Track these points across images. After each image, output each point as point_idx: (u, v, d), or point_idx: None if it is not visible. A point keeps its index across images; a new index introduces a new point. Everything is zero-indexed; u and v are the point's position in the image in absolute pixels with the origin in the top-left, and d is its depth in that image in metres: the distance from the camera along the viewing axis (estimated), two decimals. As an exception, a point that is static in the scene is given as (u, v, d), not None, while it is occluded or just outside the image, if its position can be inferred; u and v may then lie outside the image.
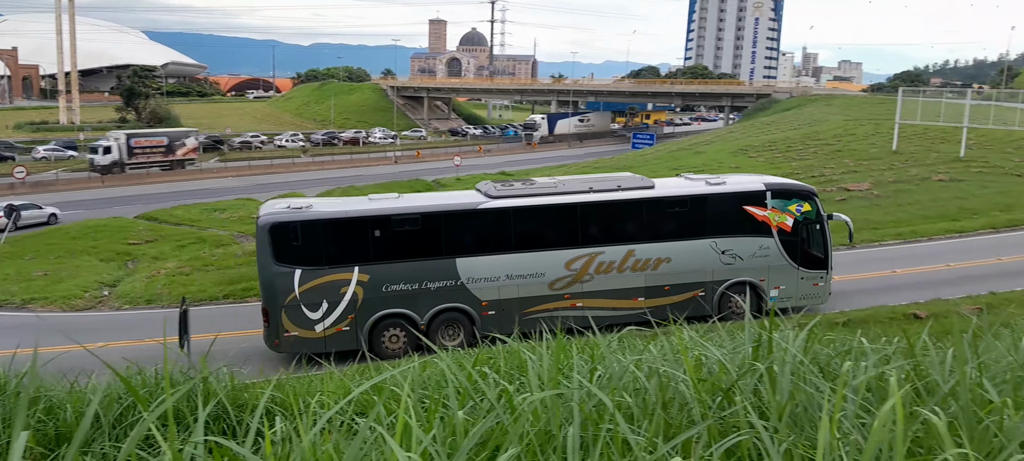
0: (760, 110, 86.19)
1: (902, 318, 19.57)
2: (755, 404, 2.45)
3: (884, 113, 58.70)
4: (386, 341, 17.24)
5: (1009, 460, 1.77)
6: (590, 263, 18.10)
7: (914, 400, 2.39)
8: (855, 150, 46.91)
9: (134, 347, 11.51)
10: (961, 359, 2.76)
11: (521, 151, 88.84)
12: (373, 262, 17.06)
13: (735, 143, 56.72)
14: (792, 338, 3.10)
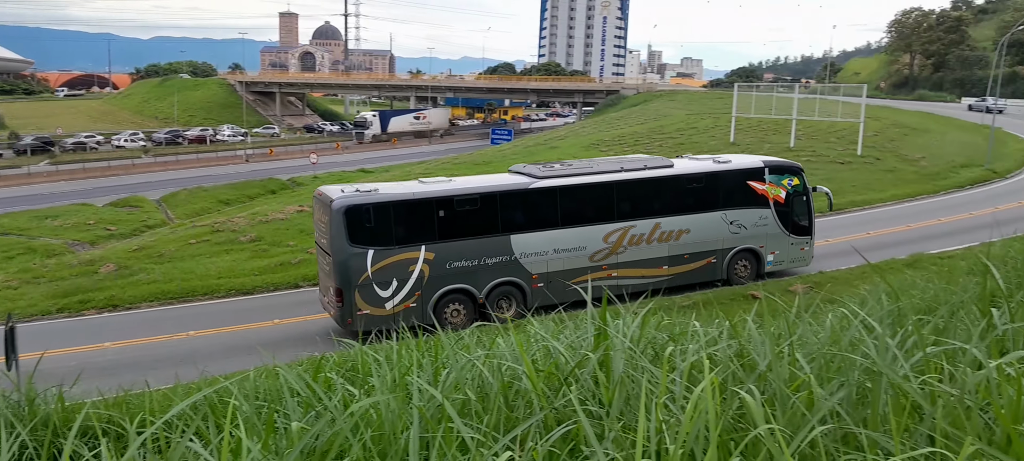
0: (610, 106, 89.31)
1: (740, 299, 20.92)
2: (595, 392, 2.54)
3: (722, 107, 62.40)
4: (449, 315, 18.21)
5: (811, 433, 1.92)
6: (624, 236, 19.80)
7: (734, 380, 2.55)
8: (697, 142, 49.56)
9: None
10: (777, 338, 2.99)
11: (382, 148, 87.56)
12: (438, 241, 17.97)
13: (588, 138, 58.54)
14: (630, 323, 3.23)
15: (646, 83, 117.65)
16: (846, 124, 48.80)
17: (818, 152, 44.77)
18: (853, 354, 2.39)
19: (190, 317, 21.46)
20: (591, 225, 19.54)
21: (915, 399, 2.06)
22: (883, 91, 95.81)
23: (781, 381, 2.33)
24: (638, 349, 2.85)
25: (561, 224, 19.23)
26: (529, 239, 18.82)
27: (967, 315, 3.75)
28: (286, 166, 67.33)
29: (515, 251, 18.61)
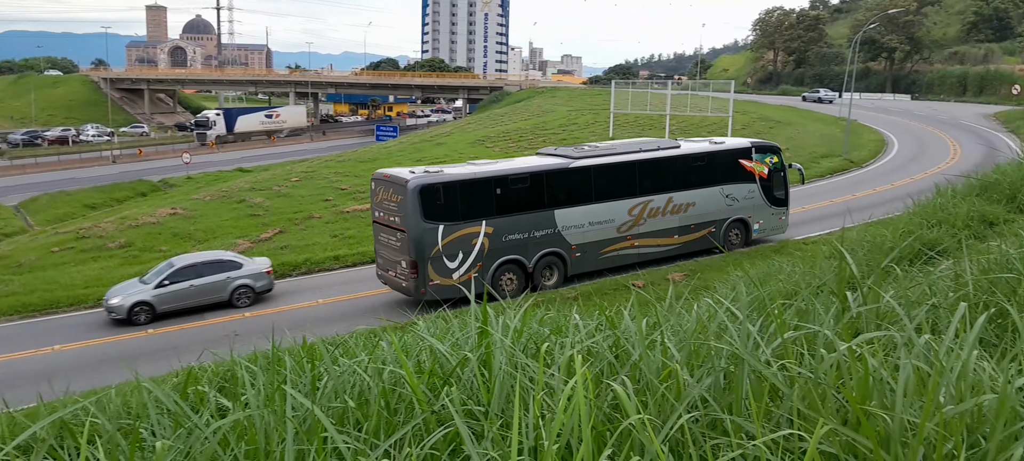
0: (493, 102, 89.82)
1: (624, 289, 21.58)
2: (477, 392, 2.55)
3: (601, 103, 63.98)
4: (504, 284, 19.82)
5: (679, 421, 1.99)
6: (644, 209, 21.99)
7: (610, 371, 2.62)
8: (578, 138, 50.59)
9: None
10: (652, 327, 3.09)
11: (261, 146, 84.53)
12: (496, 216, 19.70)
13: (473, 134, 58.69)
14: (512, 319, 3.26)
15: (529, 80, 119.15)
16: (716, 118, 51.08)
17: (693, 145, 46.62)
18: (719, 342, 2.50)
19: (54, 330, 20.08)
20: (619, 200, 21.65)
21: (774, 383, 2.18)
22: (749, 86, 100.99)
23: (652, 371, 2.41)
24: (519, 345, 2.89)
25: (594, 199, 21.25)
26: (569, 213, 20.79)
27: (825, 299, 4.01)
28: (157, 166, 64.00)
29: (558, 224, 20.60)
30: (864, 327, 2.96)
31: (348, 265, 25.61)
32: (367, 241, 28.10)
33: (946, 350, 2.19)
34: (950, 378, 2.06)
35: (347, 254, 26.38)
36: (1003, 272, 3.44)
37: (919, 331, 2.62)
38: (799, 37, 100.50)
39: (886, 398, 1.99)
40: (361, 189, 38.09)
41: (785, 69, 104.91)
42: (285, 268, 25.08)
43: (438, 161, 45.78)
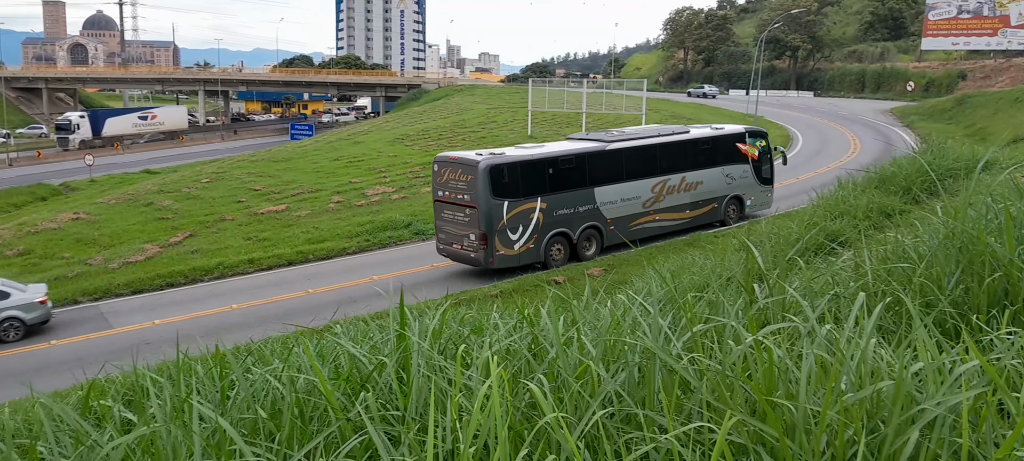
0: (412, 100, 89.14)
1: (546, 285, 21.76)
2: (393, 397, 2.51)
3: (519, 101, 64.35)
4: (553, 253, 22.37)
5: (593, 417, 2.01)
6: (664, 187, 24.48)
7: (527, 370, 2.63)
8: (498, 136, 50.75)
9: None
10: (570, 323, 3.12)
11: (170, 146, 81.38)
12: (548, 193, 21.94)
13: (392, 132, 58.06)
14: (431, 320, 3.23)
15: (447, 78, 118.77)
16: (631, 116, 52.06)
17: (609, 142, 47.40)
18: (633, 337, 2.54)
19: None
20: (644, 179, 24.06)
21: (684, 376, 2.23)
22: (661, 85, 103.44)
23: (569, 369, 2.43)
24: (437, 347, 2.86)
25: (625, 178, 23.63)
26: (605, 191, 23.17)
27: (734, 292, 4.13)
28: (58, 169, 60.83)
29: (597, 200, 23.00)
30: (771, 318, 3.06)
31: (263, 268, 24.96)
32: (283, 243, 27.50)
33: (846, 339, 2.28)
34: (850, 366, 2.15)
35: (262, 257, 25.72)
36: (899, 262, 3.61)
37: (822, 321, 2.72)
38: (707, 36, 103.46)
39: (792, 387, 2.06)
40: (276, 190, 37.21)
41: (695, 68, 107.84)
42: (197, 273, 24.25)
43: (357, 158, 45.12)
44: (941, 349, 2.39)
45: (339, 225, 30.02)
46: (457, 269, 23.79)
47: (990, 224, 3.42)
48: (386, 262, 25.27)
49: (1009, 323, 2.73)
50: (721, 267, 8.42)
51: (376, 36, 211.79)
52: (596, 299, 4.17)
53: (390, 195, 34.81)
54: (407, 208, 32.28)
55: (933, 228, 3.82)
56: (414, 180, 37.93)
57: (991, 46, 72.46)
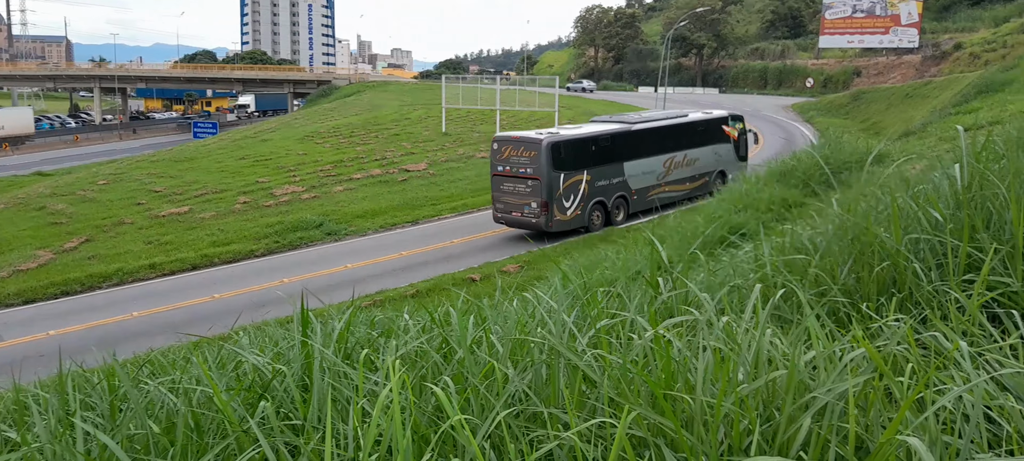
0: (322, 96, 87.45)
1: (462, 283, 21.74)
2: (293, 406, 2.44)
3: (433, 97, 63.99)
4: (594, 218, 25.69)
5: (496, 418, 2.00)
6: (672, 163, 28.18)
7: (436, 372, 2.60)
8: (411, 133, 50.37)
9: None
10: (482, 322, 3.10)
11: (65, 147, 77.12)
12: (592, 167, 25.25)
13: (301, 130, 56.74)
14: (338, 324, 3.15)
15: (358, 73, 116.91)
16: (544, 113, 52.53)
17: (522, 139, 47.69)
18: (538, 334, 2.54)
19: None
20: (659, 155, 27.68)
21: (586, 372, 2.25)
22: (573, 82, 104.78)
23: (474, 368, 2.42)
24: (341, 352, 2.80)
25: (645, 155, 27.21)
26: (631, 165, 26.64)
27: (640, 286, 4.20)
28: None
29: (625, 173, 26.44)
30: (675, 312, 3.12)
31: (166, 273, 24.00)
32: (187, 246, 26.50)
33: (744, 330, 2.34)
34: (746, 357, 2.20)
35: (165, 262, 24.71)
36: (796, 253, 3.75)
37: (723, 313, 2.79)
38: (617, 34, 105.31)
39: (691, 379, 2.09)
40: (178, 191, 35.82)
41: (606, 65, 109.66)
42: (94, 280, 23.10)
43: (264, 157, 43.84)
44: (833, 337, 2.48)
45: (246, 226, 29.16)
46: (372, 270, 23.52)
47: (879, 215, 3.58)
48: (297, 264, 24.72)
49: (896, 310, 2.87)
50: (632, 261, 8.60)
51: (283, 31, 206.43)
52: (508, 296, 4.16)
53: (300, 195, 34.03)
54: (318, 208, 31.64)
55: (827, 220, 3.98)
56: (325, 179, 37.18)
57: (883, 44, 76.38)
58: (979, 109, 26.14)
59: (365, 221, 30.00)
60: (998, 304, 2.84)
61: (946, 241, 3.05)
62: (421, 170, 38.65)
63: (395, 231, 29.31)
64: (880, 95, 58.45)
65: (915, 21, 73.99)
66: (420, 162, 40.43)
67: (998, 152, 4.39)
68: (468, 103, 52.75)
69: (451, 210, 32.09)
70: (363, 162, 41.18)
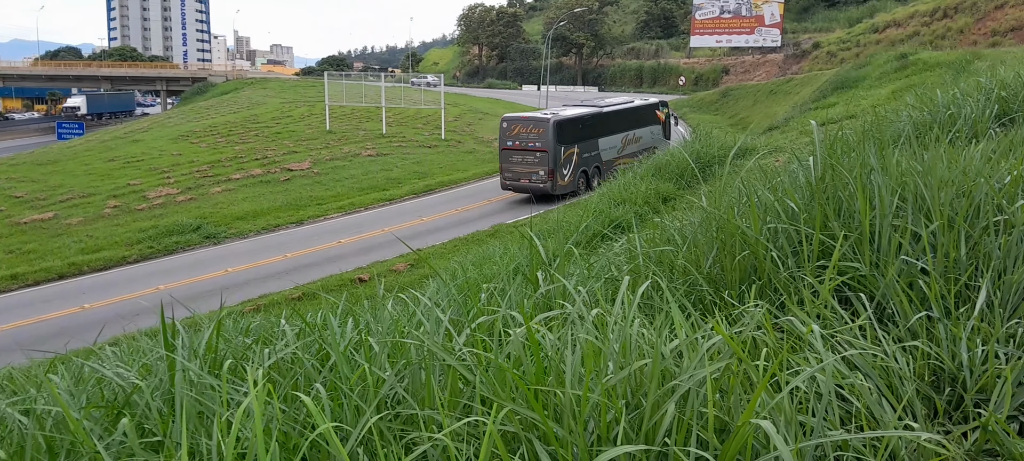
0: (198, 94, 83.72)
1: (349, 283, 21.36)
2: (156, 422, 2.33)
3: (316, 95, 62.46)
4: (580, 184, 30.54)
5: (367, 423, 1.98)
6: (626, 139, 34.47)
7: (311, 378, 2.54)
8: (294, 131, 48.99)
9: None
10: (342, 326, 3.05)
11: None
12: (580, 142, 30.82)
13: (175, 129, 54.07)
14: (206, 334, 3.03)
15: (236, 70, 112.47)
16: (430, 111, 52.33)
17: (408, 137, 47.33)
18: (417, 334, 2.53)
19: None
20: (620, 133, 34.07)
21: (461, 371, 2.26)
22: (458, 79, 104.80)
23: (350, 373, 2.38)
24: (208, 363, 2.69)
25: (611, 132, 33.41)
26: (603, 141, 32.63)
27: (523, 281, 4.26)
28: None
29: (599, 148, 32.27)
30: (554, 306, 3.18)
31: (29, 284, 22.36)
32: (52, 255, 24.79)
33: (613, 322, 2.41)
34: (614, 348, 2.27)
35: (28, 272, 23.01)
36: (665, 245, 3.89)
37: (596, 305, 2.86)
38: (500, 33, 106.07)
39: (563, 373, 2.14)
40: (41, 195, 33.44)
41: (490, 63, 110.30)
42: (-58, 294, 21.25)
43: (136, 158, 41.42)
44: (697, 326, 2.59)
45: (117, 232, 27.56)
46: (254, 274, 22.80)
47: (741, 207, 3.77)
48: (174, 270, 23.60)
49: (756, 296, 3.03)
50: (515, 257, 8.69)
51: (154, 26, 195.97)
52: (391, 297, 4.12)
53: (175, 197, 32.47)
54: (195, 210, 30.29)
55: (695, 212, 4.15)
56: (202, 180, 35.61)
57: (749, 43, 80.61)
58: (835, 104, 27.95)
59: (246, 223, 28.97)
60: (849, 288, 3.05)
61: (801, 230, 3.25)
62: (305, 169, 37.66)
63: (279, 232, 28.47)
64: (747, 92, 61.53)
65: (777, 22, 78.56)
66: (303, 161, 39.39)
67: (850, 145, 4.71)
68: (352, 101, 51.81)
69: (338, 209, 31.48)
70: (243, 161, 39.72)
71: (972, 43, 48.79)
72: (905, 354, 2.45)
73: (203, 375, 2.44)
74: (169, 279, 22.20)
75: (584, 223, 8.31)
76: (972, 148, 4.49)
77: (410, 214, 30.46)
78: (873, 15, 72.07)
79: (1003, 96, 6.46)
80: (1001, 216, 3.29)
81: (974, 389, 2.32)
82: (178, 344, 2.84)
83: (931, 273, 2.86)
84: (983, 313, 2.66)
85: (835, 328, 2.60)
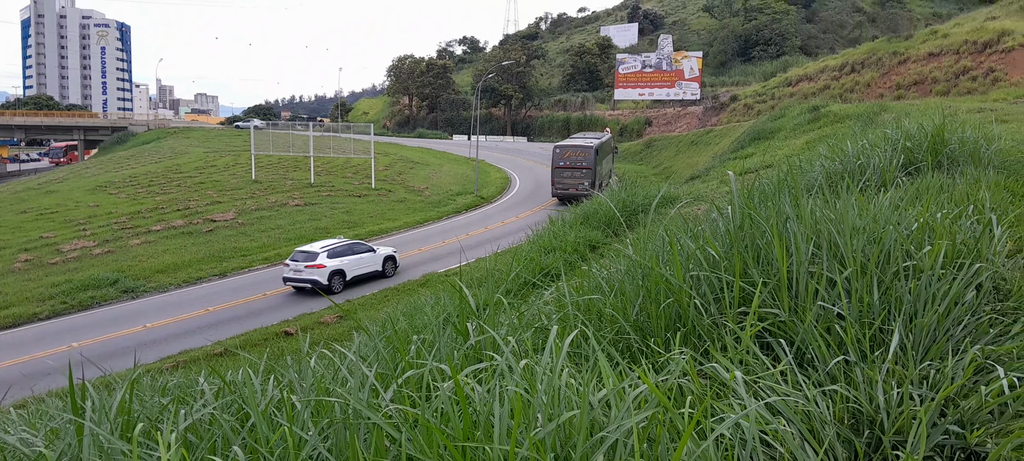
0: (118, 144, 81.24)
1: (275, 337, 20.80)
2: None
3: (242, 144, 61.39)
4: (595, 190, 39.42)
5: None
6: (604, 164, 44.92)
7: (229, 439, 2.44)
8: (218, 181, 47.90)
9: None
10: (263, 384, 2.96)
11: None
12: (597, 163, 42.94)
13: (93, 180, 52.16)
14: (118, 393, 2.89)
15: (158, 119, 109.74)
16: (360, 160, 51.99)
17: (337, 187, 46.85)
18: (341, 391, 2.47)
19: None
20: (604, 161, 45.15)
21: (386, 429, 2.21)
22: (389, 129, 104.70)
23: (267, 434, 2.30)
24: (118, 425, 2.56)
25: (604, 160, 44.99)
26: (600, 162, 43.51)
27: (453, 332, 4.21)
28: None
29: (596, 166, 42.48)
30: (484, 357, 3.15)
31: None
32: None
33: (542, 372, 2.40)
34: (541, 400, 2.26)
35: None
36: (593, 293, 3.92)
37: (526, 355, 2.85)
38: (430, 84, 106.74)
39: (491, 427, 2.11)
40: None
41: (420, 113, 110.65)
42: None
43: (50, 210, 39.63)
44: (623, 374, 2.61)
45: (28, 287, 26.27)
46: (175, 329, 22.03)
47: (665, 255, 3.84)
48: (89, 326, 22.59)
49: (681, 343, 3.07)
50: (446, 308, 8.61)
51: (73, 74, 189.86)
52: (314, 352, 4.02)
53: (91, 250, 31.19)
54: (113, 263, 29.14)
55: (622, 260, 4.21)
56: (121, 232, 34.34)
57: (670, 96, 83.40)
58: (752, 154, 29.00)
59: (167, 276, 28.01)
60: (769, 333, 3.12)
61: (723, 277, 3.33)
62: (229, 220, 36.76)
63: (201, 285, 27.61)
64: (670, 142, 63.33)
65: (696, 76, 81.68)
66: (228, 211, 38.46)
67: (767, 194, 4.87)
68: (280, 150, 51.09)
69: (264, 261, 30.76)
70: (164, 212, 38.53)
71: (878, 96, 51.61)
72: (825, 398, 2.51)
73: (113, 440, 2.32)
74: (83, 336, 21.24)
75: (514, 271, 8.32)
76: (881, 196, 4.70)
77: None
78: (786, 69, 75.59)
79: (908, 146, 6.81)
80: (910, 261, 3.43)
81: (891, 431, 2.39)
82: (88, 406, 2.70)
83: (847, 318, 2.96)
84: (897, 356, 2.75)
85: (757, 374, 2.64)
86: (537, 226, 18.08)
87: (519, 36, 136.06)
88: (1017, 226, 4.88)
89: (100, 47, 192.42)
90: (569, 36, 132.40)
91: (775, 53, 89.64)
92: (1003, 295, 3.61)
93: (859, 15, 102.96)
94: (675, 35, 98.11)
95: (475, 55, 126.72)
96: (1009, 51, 47.35)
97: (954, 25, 57.16)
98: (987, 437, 2.36)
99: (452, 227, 37.68)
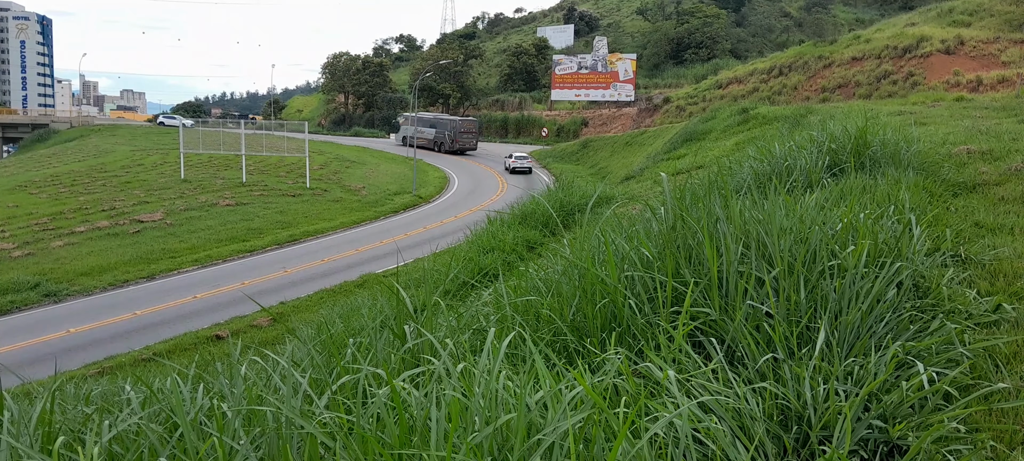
0: (39, 141, 77.90)
1: (205, 341, 20.26)
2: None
3: (170, 142, 59.57)
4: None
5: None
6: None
7: (156, 450, 2.37)
8: (145, 180, 46.36)
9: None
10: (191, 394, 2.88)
11: None
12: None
13: (12, 179, 49.86)
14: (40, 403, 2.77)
15: (82, 116, 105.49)
16: (294, 158, 51.05)
17: (270, 186, 45.87)
18: (273, 399, 2.42)
19: None
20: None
21: (320, 437, 2.17)
22: (324, 127, 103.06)
23: (196, 444, 2.24)
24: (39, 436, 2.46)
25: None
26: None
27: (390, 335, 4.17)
28: None
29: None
30: (422, 360, 3.13)
31: None
32: None
33: (480, 375, 2.40)
34: (478, 403, 2.26)
35: None
36: (530, 294, 3.94)
37: (464, 358, 2.84)
38: (366, 82, 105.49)
39: (428, 432, 2.10)
40: None
41: (357, 111, 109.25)
42: None
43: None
44: (560, 375, 2.63)
45: (-62, 293, 24.93)
46: (100, 333, 21.25)
47: (601, 255, 3.88)
48: (7, 332, 21.58)
49: (616, 343, 3.11)
50: (387, 309, 8.51)
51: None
52: (246, 357, 3.93)
53: (10, 252, 29.81)
54: (34, 266, 27.91)
55: (558, 260, 4.23)
56: (42, 233, 32.91)
57: (606, 97, 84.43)
58: (685, 155, 29.56)
59: (91, 279, 26.97)
60: (701, 332, 3.19)
61: (656, 277, 3.38)
62: (157, 220, 35.61)
63: (128, 288, 26.67)
64: (605, 143, 64.10)
65: (631, 78, 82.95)
66: (156, 211, 37.26)
67: (698, 195, 4.97)
68: (210, 148, 49.78)
69: (193, 262, 29.90)
70: (88, 213, 37.10)
71: (805, 98, 53.28)
72: (755, 395, 2.57)
73: (33, 454, 2.22)
74: (1, 342, 20.29)
75: (452, 272, 8.29)
76: (808, 197, 4.85)
77: (273, 266, 29.36)
78: (717, 72, 77.31)
79: (833, 148, 7.04)
80: (835, 260, 3.55)
81: (818, 426, 2.47)
82: (6, 418, 2.58)
83: (775, 316, 3.04)
84: (823, 353, 2.84)
85: (690, 372, 2.69)
86: (476, 226, 18.07)
87: (457, 35, 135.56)
88: (935, 226, 5.11)
89: (20, 41, 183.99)
90: (506, 36, 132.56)
91: (706, 56, 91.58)
92: (922, 292, 3.76)
93: (786, 19, 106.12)
94: (610, 37, 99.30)
95: (412, 53, 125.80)
96: (927, 56, 49.43)
97: (876, 30, 59.39)
98: (909, 430, 2.46)
99: (390, 227, 37.32)
